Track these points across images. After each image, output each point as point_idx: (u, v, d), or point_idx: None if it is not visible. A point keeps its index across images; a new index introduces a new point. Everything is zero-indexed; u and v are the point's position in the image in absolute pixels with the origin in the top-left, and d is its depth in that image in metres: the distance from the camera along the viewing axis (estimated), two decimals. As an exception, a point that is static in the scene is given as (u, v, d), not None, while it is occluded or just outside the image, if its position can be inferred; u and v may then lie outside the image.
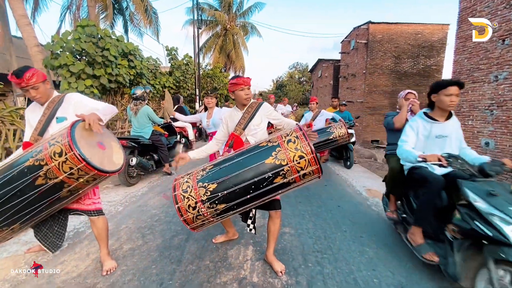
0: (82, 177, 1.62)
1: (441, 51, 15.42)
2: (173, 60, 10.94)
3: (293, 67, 40.01)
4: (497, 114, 6.17)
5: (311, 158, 1.60)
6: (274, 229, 2.06)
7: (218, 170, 1.72)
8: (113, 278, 1.97)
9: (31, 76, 1.74)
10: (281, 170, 1.60)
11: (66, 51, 5.47)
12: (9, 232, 1.78)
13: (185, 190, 1.70)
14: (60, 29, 12.65)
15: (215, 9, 21.50)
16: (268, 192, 1.67)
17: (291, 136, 1.67)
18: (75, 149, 1.52)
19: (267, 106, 2.14)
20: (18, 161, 1.63)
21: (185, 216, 1.70)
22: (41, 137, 1.84)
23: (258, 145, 1.76)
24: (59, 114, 1.88)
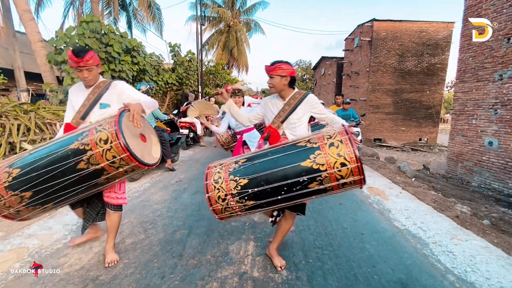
0: (122, 167, 1.63)
1: (446, 50, 15.29)
2: (176, 56, 10.94)
3: (296, 64, 39.85)
4: (501, 113, 6.12)
5: (354, 168, 1.46)
6: (284, 227, 2.01)
7: (251, 165, 1.65)
8: (115, 271, 1.99)
9: (90, 58, 1.78)
10: (318, 176, 1.49)
11: (69, 47, 5.49)
12: (41, 211, 1.80)
13: (216, 181, 1.66)
14: (63, 24, 12.70)
15: (218, 6, 21.44)
16: (300, 196, 1.58)
17: (334, 139, 1.53)
18: (121, 139, 1.53)
19: (312, 98, 1.93)
20: (63, 142, 1.64)
21: (214, 206, 1.67)
22: (82, 120, 1.85)
23: (295, 144, 1.64)
24: (103, 100, 1.88)
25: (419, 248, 2.46)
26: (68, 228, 2.66)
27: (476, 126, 6.86)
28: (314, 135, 1.66)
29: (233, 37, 21.63)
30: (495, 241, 2.75)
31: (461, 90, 7.41)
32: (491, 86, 6.39)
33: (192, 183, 4.29)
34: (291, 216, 1.97)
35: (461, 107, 7.40)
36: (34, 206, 1.72)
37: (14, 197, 1.64)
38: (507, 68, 5.93)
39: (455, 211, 3.74)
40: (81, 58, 1.76)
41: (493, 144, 6.33)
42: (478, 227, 3.18)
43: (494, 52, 6.23)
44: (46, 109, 5.10)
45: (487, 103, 6.51)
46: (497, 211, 4.36)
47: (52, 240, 2.44)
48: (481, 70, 6.68)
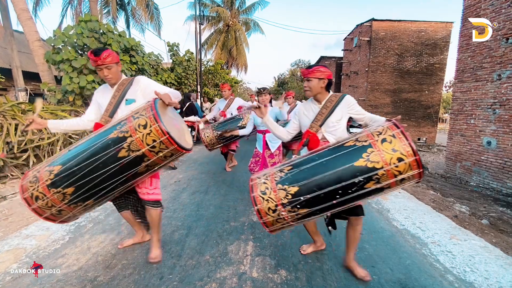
0: (161, 151, 1.64)
1: (445, 49, 15.32)
2: (174, 56, 10.92)
3: (295, 64, 39.84)
4: (500, 113, 6.14)
5: (412, 161, 1.41)
6: (354, 236, 1.93)
7: (298, 172, 1.59)
8: (113, 272, 1.98)
9: (107, 56, 1.81)
10: (374, 175, 1.43)
11: (68, 46, 5.46)
12: (81, 209, 1.79)
13: (263, 192, 1.60)
14: (61, 23, 12.65)
15: (217, 5, 21.40)
16: (356, 197, 1.52)
17: (385, 134, 1.48)
18: (159, 122, 1.55)
19: (350, 99, 1.89)
20: (101, 133, 1.66)
21: (265, 219, 1.60)
22: (111, 118, 1.89)
23: (343, 144, 1.58)
24: (128, 96, 1.91)
25: (418, 248, 2.46)
26: (66, 229, 2.65)
27: (474, 126, 6.88)
28: (360, 134, 1.60)
29: (232, 37, 21.60)
30: (494, 241, 2.76)
31: (459, 90, 7.42)
32: (490, 86, 6.40)
33: (191, 183, 4.28)
34: (357, 222, 1.90)
35: (459, 107, 7.41)
36: (75, 203, 1.71)
37: (56, 194, 1.64)
38: (506, 68, 5.94)
39: (454, 211, 3.75)
40: (98, 56, 1.79)
41: (492, 143, 6.35)
42: (476, 226, 3.19)
43: (493, 52, 6.25)
44: (44, 109, 5.07)
45: (486, 103, 6.53)
46: (496, 210, 4.37)
47: (50, 241, 2.43)
48: (479, 70, 6.69)
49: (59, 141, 4.69)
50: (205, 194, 3.76)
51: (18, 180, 4.07)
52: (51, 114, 4.99)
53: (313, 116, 1.92)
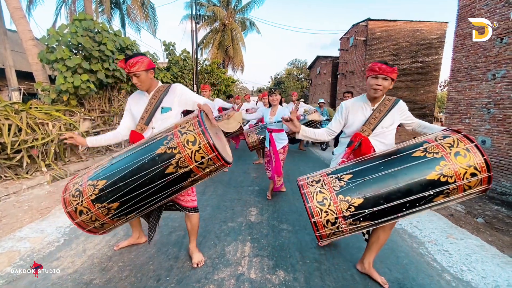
0: (208, 168, 1.60)
1: (440, 49, 15.44)
2: (170, 55, 10.85)
3: (292, 63, 39.87)
4: (494, 113, 6.20)
5: (485, 177, 1.37)
6: (383, 238, 1.86)
7: (362, 182, 1.49)
8: (109, 274, 1.96)
9: (134, 64, 1.77)
10: (446, 189, 1.38)
11: (62, 45, 5.38)
12: (123, 222, 1.78)
13: (321, 203, 1.50)
14: (55, 22, 12.50)
15: (213, 4, 21.30)
16: (421, 210, 1.46)
17: (458, 147, 1.42)
18: (209, 138, 1.50)
19: (403, 105, 1.82)
20: (147, 148, 1.60)
21: (321, 232, 1.50)
22: (146, 126, 1.87)
23: (410, 154, 1.50)
24: (164, 104, 1.88)
25: (415, 247, 2.47)
26: (61, 231, 2.61)
27: (469, 125, 6.93)
28: (426, 144, 1.52)
29: (229, 36, 21.53)
30: (490, 239, 2.78)
31: (454, 89, 7.48)
32: (484, 85, 6.45)
33: (187, 183, 4.26)
34: (390, 226, 1.82)
35: (454, 106, 7.47)
36: (119, 217, 1.70)
37: (101, 209, 1.62)
38: (500, 67, 6.00)
39: (450, 210, 3.77)
40: (125, 63, 1.78)
41: (486, 143, 6.41)
42: (472, 225, 3.22)
43: (488, 52, 6.30)
44: (38, 108, 4.99)
45: (480, 102, 6.58)
46: (491, 209, 4.41)
47: (44, 243, 2.39)
48: (474, 69, 6.74)
49: (53, 141, 4.63)
50: (202, 194, 3.74)
51: (12, 181, 4.01)
52: (45, 114, 4.92)
53: (365, 118, 1.81)
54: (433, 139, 1.54)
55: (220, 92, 14.64)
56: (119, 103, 6.98)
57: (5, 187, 3.84)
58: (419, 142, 1.58)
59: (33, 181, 4.13)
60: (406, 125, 1.88)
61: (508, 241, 2.82)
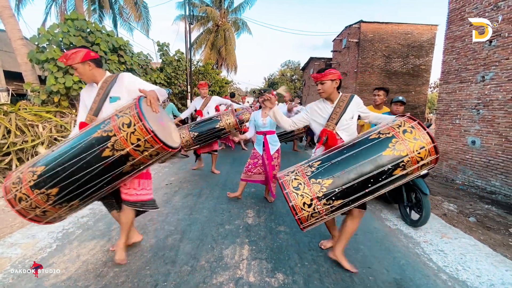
0: (146, 150, 1.62)
1: (430, 51, 15.75)
2: (164, 56, 10.74)
3: (285, 65, 40.05)
4: (483, 114, 6.34)
5: (431, 148, 1.58)
6: (351, 227, 2.02)
7: (330, 165, 1.68)
8: (105, 280, 1.91)
9: (69, 57, 1.81)
10: (401, 162, 1.58)
11: (53, 45, 5.26)
12: (66, 210, 1.76)
13: (296, 188, 1.66)
14: (45, 22, 12.22)
15: (206, 5, 21.22)
16: (385, 185, 1.65)
17: (405, 126, 1.65)
18: (144, 120, 1.53)
19: (358, 99, 2.07)
20: (85, 133, 1.63)
21: (300, 215, 1.64)
22: (95, 117, 1.85)
23: (367, 137, 1.72)
24: (113, 93, 1.88)
25: (411, 247, 2.50)
26: (53, 236, 2.54)
27: (459, 126, 7.08)
28: (381, 128, 1.74)
29: (222, 37, 21.47)
30: (482, 238, 2.83)
31: (445, 91, 7.63)
32: (474, 87, 6.61)
33: (183, 185, 4.21)
34: (359, 215, 2.00)
35: (445, 108, 7.62)
36: (60, 204, 1.68)
37: (40, 195, 1.61)
38: (489, 69, 6.15)
39: (443, 209, 3.83)
40: (63, 58, 1.82)
41: (476, 143, 6.56)
42: (465, 224, 3.27)
43: (477, 55, 6.45)
44: (27, 110, 4.87)
45: (470, 103, 6.73)
46: (481, 208, 4.51)
47: (36, 249, 2.32)
48: (464, 71, 6.90)
49: (43, 143, 4.52)
50: (198, 197, 3.70)
51: (0, 185, 3.89)
52: (35, 115, 4.80)
53: (327, 115, 2.03)
54: (385, 124, 1.78)
55: (214, 93, 14.57)
56: (112, 104, 6.86)
57: (-6, 191, 3.72)
58: (374, 128, 1.82)
59: (23, 184, 4.02)
60: (363, 117, 2.11)
61: (500, 240, 2.88)
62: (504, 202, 5.04)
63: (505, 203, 4.98)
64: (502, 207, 4.57)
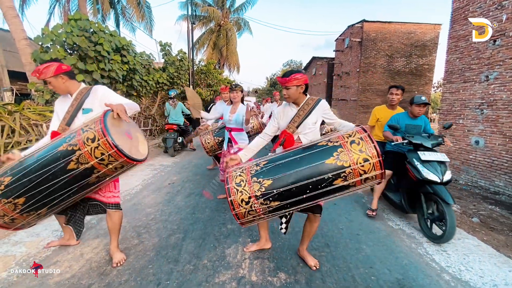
0: (111, 164, 1.66)
1: (433, 51, 15.65)
2: (166, 55, 10.77)
3: (287, 64, 40.00)
4: (487, 113, 6.30)
5: (376, 162, 1.54)
6: (310, 230, 2.10)
7: (273, 167, 1.68)
8: (108, 279, 1.93)
9: (41, 72, 1.83)
10: (342, 172, 1.55)
11: (57, 45, 5.30)
12: (35, 217, 1.82)
13: (238, 184, 1.67)
14: (49, 22, 12.32)
15: (208, 5, 21.25)
16: (325, 193, 1.62)
17: (354, 137, 1.61)
18: (107, 136, 1.57)
19: (325, 104, 2.00)
20: (51, 146, 1.67)
21: (237, 210, 1.67)
22: (68, 127, 1.89)
23: (316, 144, 1.70)
24: (86, 105, 1.91)
25: (414, 247, 2.50)
26: (57, 234, 2.57)
27: (463, 125, 7.03)
28: (332, 135, 1.73)
29: (224, 36, 21.50)
30: (485, 239, 2.82)
31: (448, 90, 7.59)
32: (478, 86, 6.56)
33: (185, 185, 4.23)
34: (315, 220, 2.05)
35: (448, 107, 7.57)
36: (28, 213, 1.73)
37: (7, 204, 1.67)
38: (493, 69, 6.10)
39: (446, 210, 3.82)
40: (35, 72, 1.84)
41: (479, 143, 6.51)
42: (468, 225, 3.26)
43: (481, 54, 6.40)
44: (31, 109, 4.91)
45: (474, 103, 6.68)
46: (485, 208, 4.48)
47: (40, 247, 2.35)
48: (467, 71, 6.85)
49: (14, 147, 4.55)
50: (200, 196, 3.72)
51: None
52: (39, 115, 4.84)
53: (290, 117, 2.00)
54: (339, 132, 1.76)
55: (216, 92, 14.59)
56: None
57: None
58: (329, 135, 1.80)
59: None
60: (328, 123, 2.08)
61: (503, 240, 2.86)
62: (508, 203, 5.00)
63: (509, 203, 4.94)
64: (506, 208, 4.54)
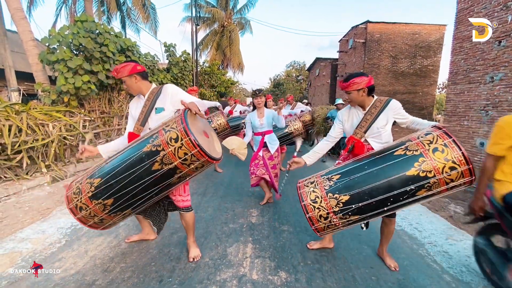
0: (193, 164, 1.68)
1: (438, 52, 15.53)
2: (171, 56, 10.85)
3: (290, 65, 39.97)
4: (492, 115, 6.24)
5: (465, 170, 1.43)
6: (388, 231, 2.11)
7: (348, 181, 1.65)
8: (112, 275, 1.96)
9: (119, 71, 1.89)
10: (426, 183, 1.47)
11: (63, 46, 5.39)
12: (120, 217, 1.91)
13: (314, 201, 1.68)
14: (56, 23, 12.50)
15: (212, 6, 21.35)
16: (406, 204, 1.58)
17: (436, 143, 1.50)
18: (190, 135, 1.57)
19: (396, 104, 1.88)
20: (135, 147, 1.71)
21: (316, 225, 1.70)
22: (142, 127, 1.95)
23: (393, 153, 1.61)
24: (158, 105, 1.95)
25: (415, 248, 2.49)
26: (63, 232, 2.62)
27: (468, 127, 6.97)
28: (408, 141, 1.62)
29: (227, 37, 21.56)
30: (489, 241, 2.80)
31: (453, 91, 7.53)
32: (483, 88, 6.50)
33: (188, 184, 4.26)
34: (390, 223, 2.07)
35: (453, 109, 7.51)
36: (115, 213, 1.82)
37: (98, 205, 1.75)
38: (498, 70, 6.05)
39: (449, 211, 3.79)
40: (113, 71, 1.93)
41: (484, 144, 6.45)
42: (471, 227, 3.23)
43: (486, 55, 6.35)
44: (38, 109, 4.99)
45: (479, 104, 6.62)
46: (489, 211, 4.44)
47: (46, 244, 2.39)
48: (472, 72, 6.80)
49: (53, 142, 4.63)
50: (203, 196, 3.75)
51: (12, 182, 4.00)
52: (45, 115, 4.92)
53: (357, 122, 1.94)
54: (416, 137, 1.63)
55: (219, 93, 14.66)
56: (119, 104, 6.98)
57: (5, 188, 3.83)
58: (404, 140, 1.69)
59: (33, 182, 4.13)
60: (400, 123, 1.96)
61: (507, 243, 2.83)
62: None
63: (513, 206, 4.89)
64: (511, 210, 4.49)
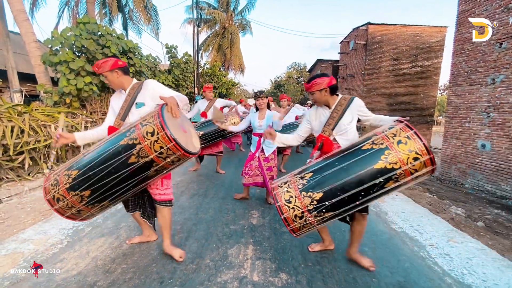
0: (169, 157, 1.72)
1: (439, 53, 15.54)
2: (172, 58, 10.90)
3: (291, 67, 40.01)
4: (494, 117, 6.23)
5: (427, 160, 1.52)
6: (361, 229, 2.08)
7: (320, 178, 1.69)
8: (113, 276, 1.97)
9: (99, 66, 1.94)
10: (393, 175, 1.55)
11: (65, 48, 5.43)
12: (98, 209, 1.93)
13: (288, 201, 1.70)
14: (58, 25, 12.58)
15: (213, 8, 21.45)
16: (377, 196, 1.65)
17: (400, 136, 1.59)
18: (166, 129, 1.61)
19: (358, 102, 1.99)
20: (112, 140, 1.76)
21: (292, 226, 1.71)
22: (123, 121, 1.98)
23: (360, 147, 1.68)
24: (138, 100, 1.98)
25: (417, 250, 2.49)
26: (64, 233, 2.62)
27: (469, 129, 6.97)
28: (374, 136, 1.70)
29: (228, 39, 21.64)
30: (490, 243, 2.79)
31: (454, 93, 7.53)
32: (484, 89, 6.50)
33: (189, 186, 4.27)
34: (363, 218, 2.05)
35: (454, 110, 7.51)
36: (92, 204, 1.84)
37: (75, 197, 1.78)
38: (500, 72, 6.05)
39: (450, 213, 3.79)
40: (94, 67, 1.98)
41: (486, 146, 6.44)
42: (473, 229, 3.23)
43: (487, 57, 6.36)
44: (40, 110, 5.02)
45: (480, 106, 6.62)
46: (491, 212, 4.43)
47: (47, 245, 2.40)
48: (474, 74, 6.80)
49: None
50: (204, 197, 3.76)
51: (14, 183, 4.02)
52: (47, 116, 4.95)
53: (324, 120, 2.02)
54: (381, 131, 1.72)
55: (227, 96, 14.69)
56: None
57: (7, 189, 3.86)
58: (370, 135, 1.76)
59: (35, 183, 4.15)
60: (364, 120, 2.05)
61: (508, 245, 2.83)
62: (514, 207, 4.94)
63: (515, 208, 4.88)
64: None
